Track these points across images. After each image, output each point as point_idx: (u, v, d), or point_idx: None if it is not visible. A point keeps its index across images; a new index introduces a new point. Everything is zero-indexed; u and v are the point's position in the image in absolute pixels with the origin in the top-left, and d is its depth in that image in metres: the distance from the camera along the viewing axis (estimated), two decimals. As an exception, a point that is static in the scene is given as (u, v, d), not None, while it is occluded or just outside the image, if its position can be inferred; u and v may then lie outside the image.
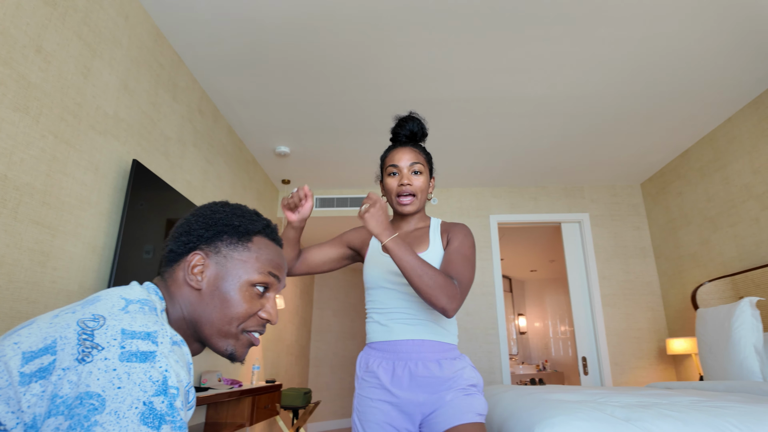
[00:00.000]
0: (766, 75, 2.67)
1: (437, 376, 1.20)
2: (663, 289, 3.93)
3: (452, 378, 1.21)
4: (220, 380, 2.81)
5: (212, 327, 0.73)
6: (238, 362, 0.79)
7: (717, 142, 3.26)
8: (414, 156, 1.33)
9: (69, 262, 1.65)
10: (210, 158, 2.88)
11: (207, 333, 0.73)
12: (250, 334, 0.76)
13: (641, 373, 3.77)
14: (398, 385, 1.21)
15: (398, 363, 1.23)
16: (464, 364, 1.25)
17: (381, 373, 1.24)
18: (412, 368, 1.21)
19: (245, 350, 0.76)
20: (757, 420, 1.28)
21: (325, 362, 6.30)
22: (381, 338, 1.28)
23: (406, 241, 1.29)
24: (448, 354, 1.25)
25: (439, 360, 1.23)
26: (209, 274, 0.73)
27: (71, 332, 0.54)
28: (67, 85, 1.65)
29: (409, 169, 1.31)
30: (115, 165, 1.92)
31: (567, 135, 3.38)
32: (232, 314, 0.73)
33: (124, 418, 0.48)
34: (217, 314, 0.73)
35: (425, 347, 1.23)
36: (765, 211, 2.84)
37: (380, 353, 1.27)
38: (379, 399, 1.22)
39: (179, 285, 0.74)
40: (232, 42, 2.38)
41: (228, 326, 0.73)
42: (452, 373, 1.21)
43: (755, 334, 2.35)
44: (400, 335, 1.24)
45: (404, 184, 1.30)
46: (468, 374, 1.23)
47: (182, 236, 0.75)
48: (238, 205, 0.82)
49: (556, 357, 7.55)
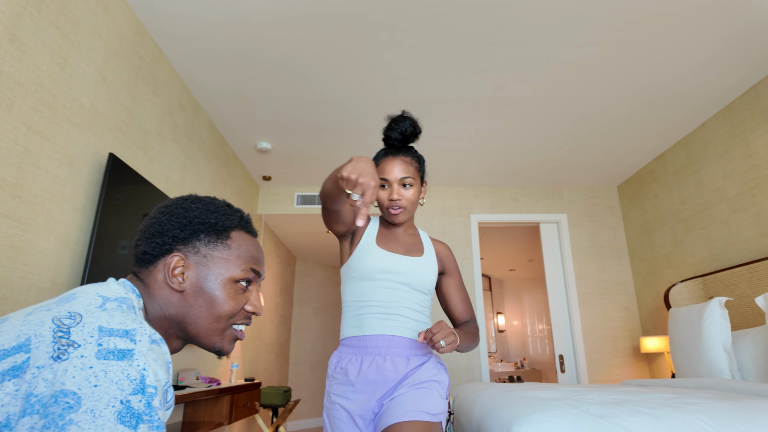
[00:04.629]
0: (739, 83, 2.76)
1: (401, 372, 1.20)
2: (637, 289, 4.03)
3: (410, 373, 1.20)
4: (198, 378, 2.77)
5: (199, 326, 0.73)
6: (224, 356, 0.80)
7: (691, 147, 3.35)
8: (404, 168, 1.31)
9: (40, 258, 1.60)
10: (190, 153, 2.83)
11: (194, 332, 0.74)
12: (236, 330, 0.77)
13: (616, 371, 3.86)
14: (363, 380, 1.20)
15: (366, 358, 1.22)
16: (431, 365, 1.24)
17: (349, 369, 1.23)
18: (379, 363, 1.21)
19: (232, 345, 0.78)
20: (725, 416, 1.33)
21: (305, 360, 6.27)
22: (353, 333, 1.27)
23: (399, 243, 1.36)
24: (419, 351, 1.25)
25: (408, 357, 1.23)
26: (191, 275, 0.73)
27: (46, 330, 0.53)
28: (42, 76, 1.60)
29: (399, 183, 1.31)
30: (91, 158, 1.88)
31: (548, 137, 3.43)
32: (219, 313, 0.73)
33: (100, 417, 0.47)
34: (203, 314, 0.73)
35: (395, 343, 1.23)
36: (735, 215, 2.93)
37: (351, 349, 1.26)
38: (342, 396, 1.22)
39: (159, 286, 0.72)
40: (214, 36, 2.34)
41: (216, 324, 0.74)
42: (422, 367, 1.21)
43: (724, 333, 2.43)
44: (372, 330, 1.24)
45: (394, 199, 1.31)
46: (429, 368, 1.22)
47: (156, 237, 0.73)
48: (209, 198, 0.80)
49: (534, 355, 7.67)
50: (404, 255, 1.32)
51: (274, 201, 4.35)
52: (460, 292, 1.41)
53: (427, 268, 1.32)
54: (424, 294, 1.32)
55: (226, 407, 2.75)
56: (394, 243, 1.36)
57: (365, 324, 1.25)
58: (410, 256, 1.33)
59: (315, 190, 4.38)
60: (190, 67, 2.59)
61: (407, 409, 1.11)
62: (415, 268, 1.30)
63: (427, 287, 1.32)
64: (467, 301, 1.42)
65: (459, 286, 1.42)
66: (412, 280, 1.29)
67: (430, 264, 1.33)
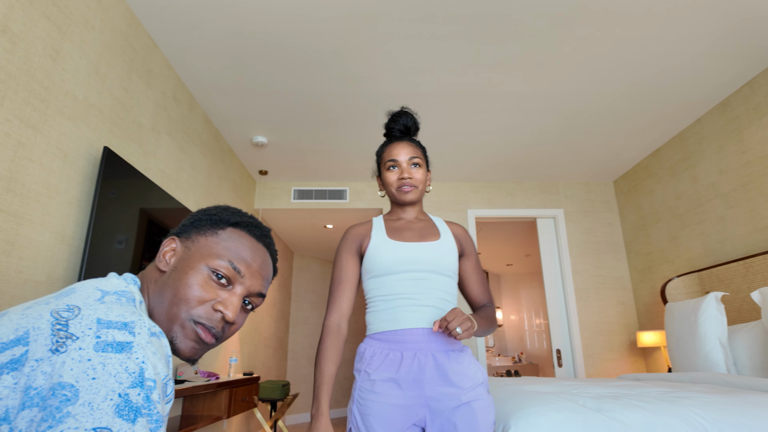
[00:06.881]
0: (734, 78, 2.76)
1: (447, 369, 1.18)
2: (633, 284, 4.05)
3: (464, 374, 1.18)
4: (197, 372, 2.77)
5: (162, 309, 0.68)
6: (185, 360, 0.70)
7: (686, 142, 3.36)
8: (412, 150, 1.35)
9: (36, 252, 1.59)
10: (185, 147, 2.81)
11: (157, 317, 0.68)
12: (198, 326, 0.68)
13: (612, 365, 3.88)
14: (406, 377, 1.17)
15: (406, 354, 1.19)
16: (470, 359, 1.24)
17: (387, 365, 1.19)
18: (422, 360, 1.18)
19: (191, 344, 0.68)
20: (720, 410, 1.33)
21: (303, 354, 6.28)
22: (385, 328, 1.24)
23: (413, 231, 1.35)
24: (455, 345, 1.24)
25: (447, 351, 1.21)
26: (176, 258, 0.72)
27: (44, 323, 0.52)
28: (34, 68, 1.58)
29: (408, 163, 1.33)
30: (85, 152, 1.86)
31: (544, 132, 3.43)
32: (181, 295, 0.68)
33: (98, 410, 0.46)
34: (169, 295, 0.68)
35: (434, 337, 1.21)
36: (730, 210, 2.94)
37: (385, 344, 1.22)
38: (382, 392, 1.17)
39: (151, 268, 0.73)
40: (210, 28, 2.32)
41: (176, 308, 0.68)
42: (462, 367, 1.19)
43: (720, 328, 2.44)
44: (407, 323, 1.21)
45: (404, 177, 1.32)
46: (479, 370, 1.22)
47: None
48: (238, 209, 0.80)
49: (531, 349, 7.71)
50: (420, 241, 1.31)
51: (271, 195, 4.34)
52: (477, 275, 1.40)
53: (446, 250, 1.30)
54: (450, 278, 1.30)
55: (224, 401, 2.76)
56: (407, 232, 1.34)
57: (399, 317, 1.23)
58: (427, 241, 1.31)
59: (312, 185, 4.36)
60: (184, 59, 2.57)
61: (480, 425, 1.12)
62: (435, 253, 1.28)
63: (452, 270, 1.30)
64: (485, 284, 1.40)
65: (476, 268, 1.40)
66: (434, 265, 1.27)
67: (449, 246, 1.31)
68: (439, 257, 1.28)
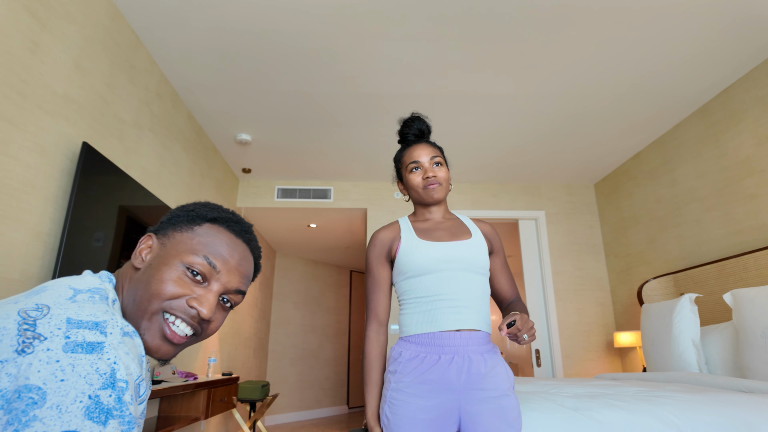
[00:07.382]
0: (713, 84, 2.84)
1: (483, 373, 1.17)
2: (612, 285, 4.12)
3: (498, 375, 1.19)
4: (175, 373, 2.73)
5: (132, 305, 0.66)
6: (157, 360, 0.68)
7: (666, 147, 3.44)
8: (432, 150, 1.37)
9: (9, 249, 1.55)
10: (167, 144, 2.77)
11: (129, 316, 0.66)
12: (166, 321, 0.66)
13: (590, 365, 3.95)
14: (444, 380, 1.16)
15: (444, 357, 1.18)
16: (501, 359, 1.25)
17: (423, 368, 1.18)
18: (459, 363, 1.17)
19: (158, 342, 0.66)
20: (693, 408, 1.37)
21: (284, 355, 6.24)
22: (422, 330, 1.22)
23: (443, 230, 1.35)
24: (489, 346, 1.24)
25: (483, 353, 1.21)
26: (152, 254, 0.71)
27: (11, 322, 0.50)
28: (12, 61, 1.54)
29: (430, 162, 1.35)
30: (64, 147, 1.82)
31: (527, 134, 3.47)
32: (153, 290, 0.66)
33: (66, 412, 0.45)
34: (141, 290, 0.66)
35: (471, 340, 1.20)
36: (706, 214, 3.02)
37: (422, 347, 1.21)
38: (417, 394, 1.16)
39: (128, 268, 0.71)
40: (195, 24, 2.29)
41: (147, 304, 0.65)
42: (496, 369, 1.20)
43: (693, 329, 2.50)
44: (446, 326, 1.20)
45: (429, 176, 1.33)
46: (508, 370, 1.23)
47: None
48: (218, 205, 0.78)
49: (511, 349, 7.79)
50: (452, 240, 1.30)
51: (254, 194, 4.30)
52: (506, 272, 1.42)
53: (478, 249, 1.29)
54: (484, 276, 1.29)
55: (202, 402, 2.72)
56: (437, 232, 1.33)
57: (437, 319, 1.21)
58: (459, 240, 1.31)
59: (296, 184, 4.34)
60: (168, 55, 2.53)
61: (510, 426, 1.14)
62: (468, 251, 1.27)
63: (485, 267, 1.29)
64: (512, 280, 1.43)
65: (505, 265, 1.42)
66: (469, 264, 1.26)
67: (480, 244, 1.31)
68: (473, 256, 1.27)
